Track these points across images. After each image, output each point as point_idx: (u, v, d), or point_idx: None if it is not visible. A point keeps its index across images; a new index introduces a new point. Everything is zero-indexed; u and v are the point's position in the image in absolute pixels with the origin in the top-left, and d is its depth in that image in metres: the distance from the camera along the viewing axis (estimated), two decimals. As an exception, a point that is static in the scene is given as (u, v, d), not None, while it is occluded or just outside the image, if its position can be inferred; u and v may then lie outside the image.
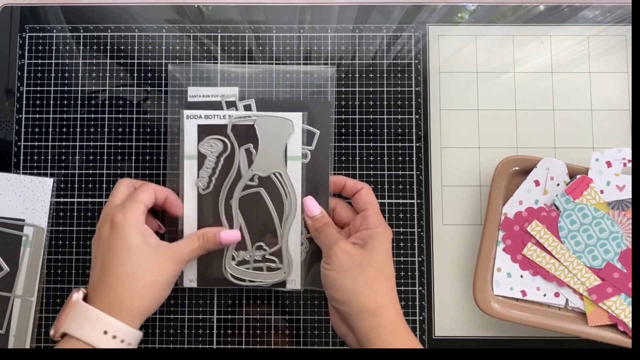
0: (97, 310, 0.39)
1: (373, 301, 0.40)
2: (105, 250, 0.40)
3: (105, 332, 0.38)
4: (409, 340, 0.39)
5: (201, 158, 0.46)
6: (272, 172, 0.46)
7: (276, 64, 0.51)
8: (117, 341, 0.38)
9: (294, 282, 0.47)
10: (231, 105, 0.47)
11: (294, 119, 0.46)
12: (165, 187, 0.46)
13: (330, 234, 0.43)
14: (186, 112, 0.46)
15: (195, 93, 0.49)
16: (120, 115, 0.50)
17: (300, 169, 0.46)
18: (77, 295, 0.40)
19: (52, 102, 0.51)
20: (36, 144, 0.50)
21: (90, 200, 0.50)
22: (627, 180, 0.46)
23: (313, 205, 0.45)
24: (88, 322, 0.38)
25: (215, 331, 0.49)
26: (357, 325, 0.40)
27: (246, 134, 0.46)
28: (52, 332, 0.40)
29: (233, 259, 0.46)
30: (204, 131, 0.46)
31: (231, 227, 0.46)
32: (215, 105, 0.47)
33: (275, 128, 0.46)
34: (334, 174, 0.49)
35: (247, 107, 0.47)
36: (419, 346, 0.40)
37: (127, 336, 0.39)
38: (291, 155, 0.46)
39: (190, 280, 0.46)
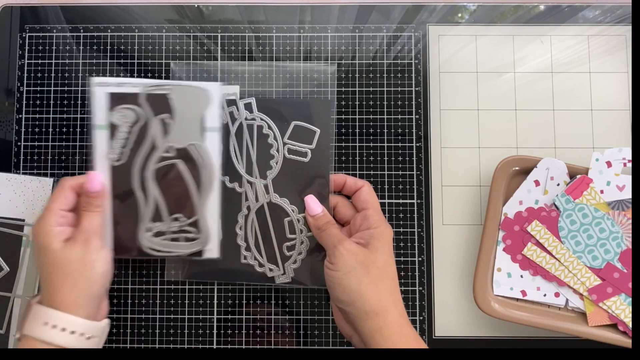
0: (40, 306, 0.41)
1: (378, 302, 0.40)
2: (35, 259, 0.44)
3: (46, 323, 0.40)
4: (413, 341, 0.40)
5: (113, 128, 0.44)
6: (188, 143, 0.45)
7: (276, 62, 0.51)
8: (58, 330, 0.39)
9: (211, 251, 0.46)
10: (232, 103, 0.47)
11: (210, 88, 0.45)
12: (83, 175, 0.44)
13: (333, 233, 0.43)
14: (95, 80, 0.44)
15: None
16: (120, 115, 0.51)
17: (218, 141, 0.45)
18: (33, 300, 0.42)
19: (52, 102, 0.51)
20: (36, 144, 0.50)
21: (90, 200, 0.50)
22: (627, 180, 0.46)
23: (314, 204, 0.45)
24: (32, 318, 0.41)
25: (215, 331, 0.49)
26: (361, 326, 0.40)
27: (161, 104, 0.45)
28: (16, 336, 0.42)
29: (149, 230, 0.45)
30: (116, 100, 0.44)
31: (147, 200, 0.45)
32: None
33: (191, 98, 0.45)
34: (334, 172, 0.49)
35: (248, 106, 0.47)
36: (424, 346, 0.40)
37: (69, 325, 0.40)
38: (209, 126, 0.45)
39: (111, 250, 0.45)
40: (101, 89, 0.45)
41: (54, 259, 0.41)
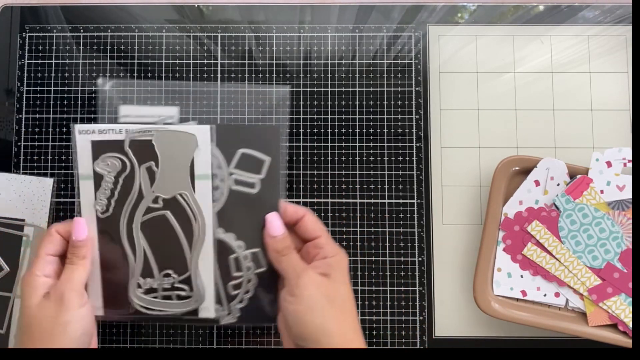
0: None
1: (343, 337, 0.38)
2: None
3: None
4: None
5: (98, 178, 0.42)
6: (176, 192, 0.42)
7: (222, 82, 0.49)
8: None
9: (207, 309, 0.42)
10: None
11: (198, 132, 0.42)
12: (70, 220, 0.42)
13: (295, 260, 0.40)
14: (77, 127, 0.42)
15: (128, 113, 0.45)
16: (120, 115, 0.51)
17: (210, 189, 0.42)
18: None
19: (52, 102, 0.51)
20: (36, 144, 0.50)
21: (90, 200, 0.50)
22: (627, 180, 0.46)
23: (278, 223, 0.41)
24: None
25: (215, 331, 0.49)
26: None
27: (146, 151, 0.42)
28: None
29: (140, 287, 0.43)
30: (100, 148, 0.42)
31: (134, 254, 0.42)
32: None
33: (176, 143, 0.41)
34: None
35: None
36: None
37: None
38: (199, 173, 0.42)
39: (98, 308, 0.42)
40: (84, 137, 0.42)
41: (28, 318, 0.38)
